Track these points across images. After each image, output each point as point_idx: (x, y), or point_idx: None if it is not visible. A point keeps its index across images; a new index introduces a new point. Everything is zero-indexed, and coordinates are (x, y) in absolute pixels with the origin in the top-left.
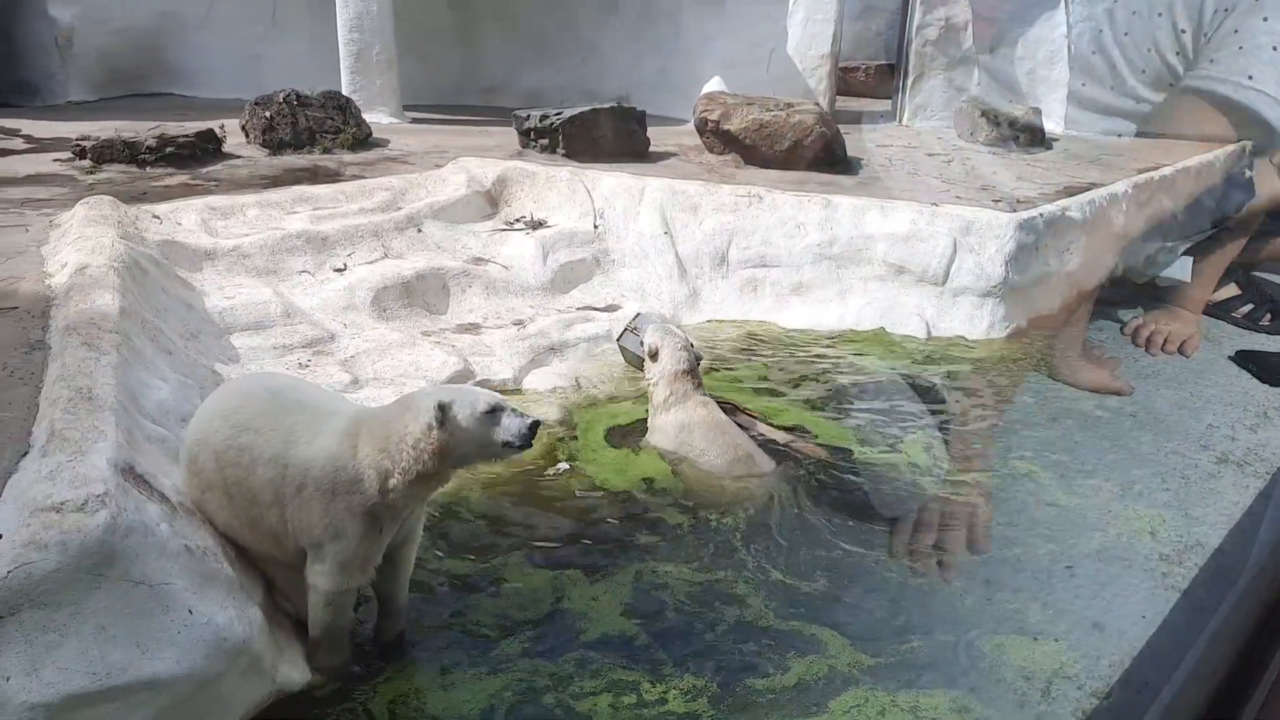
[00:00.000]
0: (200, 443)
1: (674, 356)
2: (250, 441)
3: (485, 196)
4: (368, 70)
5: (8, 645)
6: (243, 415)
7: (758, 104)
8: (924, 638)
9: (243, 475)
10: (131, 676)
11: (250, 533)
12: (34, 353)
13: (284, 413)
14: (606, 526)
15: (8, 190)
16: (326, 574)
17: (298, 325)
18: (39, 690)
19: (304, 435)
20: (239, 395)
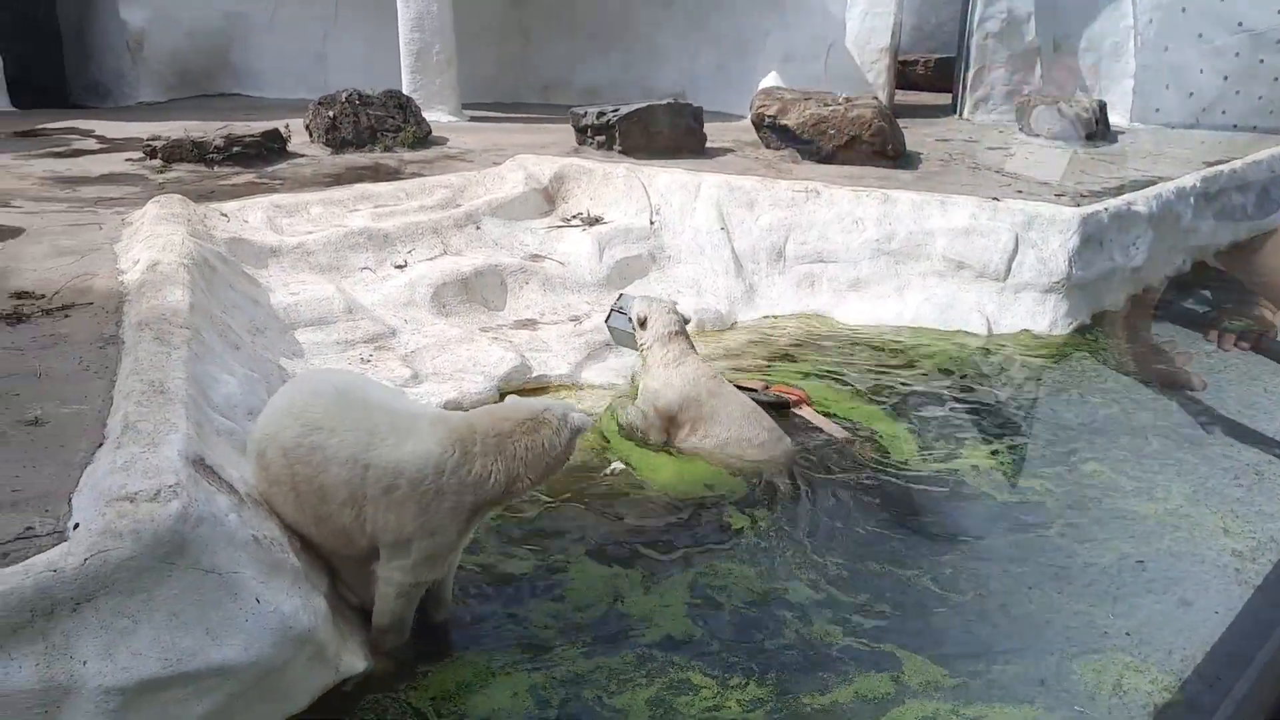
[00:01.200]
0: (268, 438)
1: (663, 319)
2: (322, 440)
3: (542, 193)
4: (428, 69)
5: (84, 630)
6: (312, 413)
7: (815, 98)
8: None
9: (313, 473)
10: (201, 663)
11: (316, 528)
12: (108, 347)
13: (358, 412)
14: (661, 527)
15: (82, 189)
16: (408, 569)
17: (360, 321)
18: (114, 675)
19: (389, 437)
20: (307, 393)
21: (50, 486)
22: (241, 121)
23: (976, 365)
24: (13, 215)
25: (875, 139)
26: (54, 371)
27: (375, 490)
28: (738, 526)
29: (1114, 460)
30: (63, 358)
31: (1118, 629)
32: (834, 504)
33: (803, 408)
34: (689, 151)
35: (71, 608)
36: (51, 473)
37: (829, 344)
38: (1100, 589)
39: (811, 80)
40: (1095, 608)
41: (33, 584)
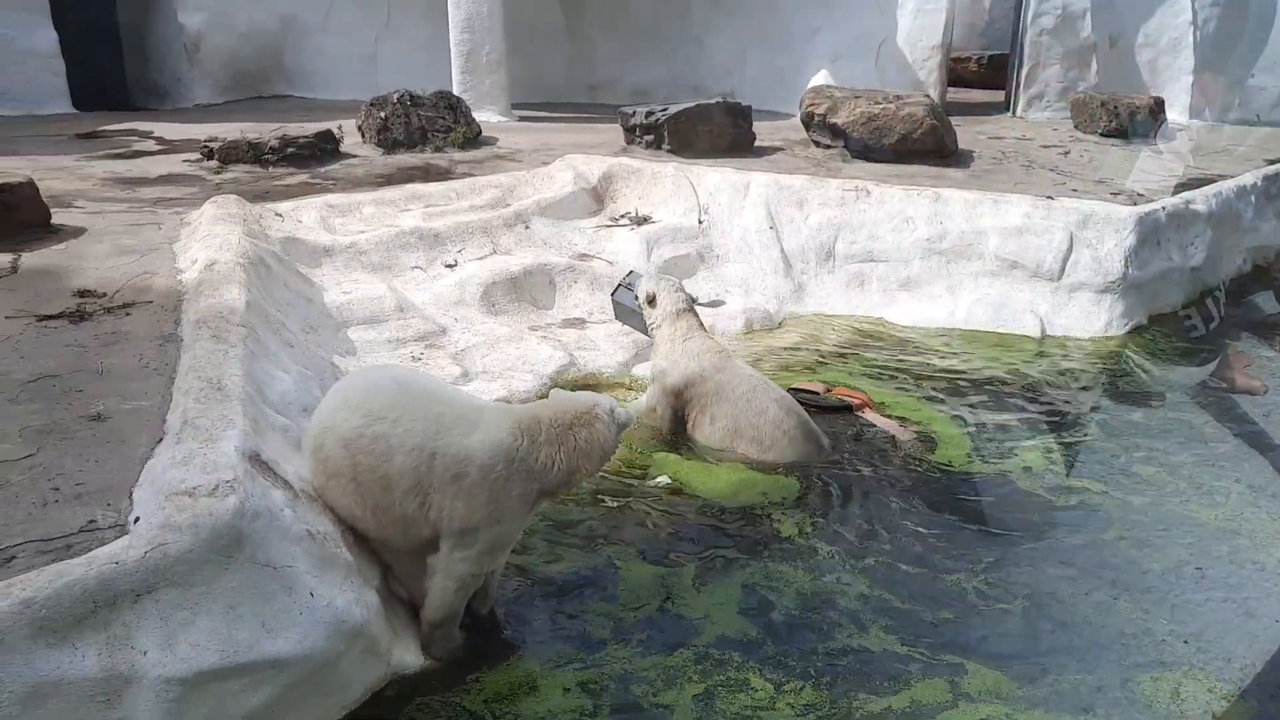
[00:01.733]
0: (327, 430)
1: (672, 297)
2: (385, 430)
3: (591, 193)
4: (478, 70)
5: (145, 622)
6: (374, 405)
7: (865, 97)
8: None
9: (376, 463)
10: (257, 655)
11: (374, 519)
12: (167, 345)
13: (421, 403)
14: (709, 531)
15: (142, 190)
16: (471, 559)
17: (411, 320)
18: (173, 665)
19: (456, 426)
20: (366, 386)
21: (112, 481)
22: (295, 123)
23: (1030, 366)
24: (75, 215)
25: (927, 137)
26: (115, 368)
27: (443, 478)
28: (786, 531)
29: (1172, 465)
30: (124, 355)
31: (1176, 636)
32: (885, 507)
33: (866, 410)
34: (738, 150)
35: (132, 599)
36: (114, 467)
37: (879, 344)
38: (1158, 596)
39: (862, 78)
40: (1153, 615)
41: (95, 576)
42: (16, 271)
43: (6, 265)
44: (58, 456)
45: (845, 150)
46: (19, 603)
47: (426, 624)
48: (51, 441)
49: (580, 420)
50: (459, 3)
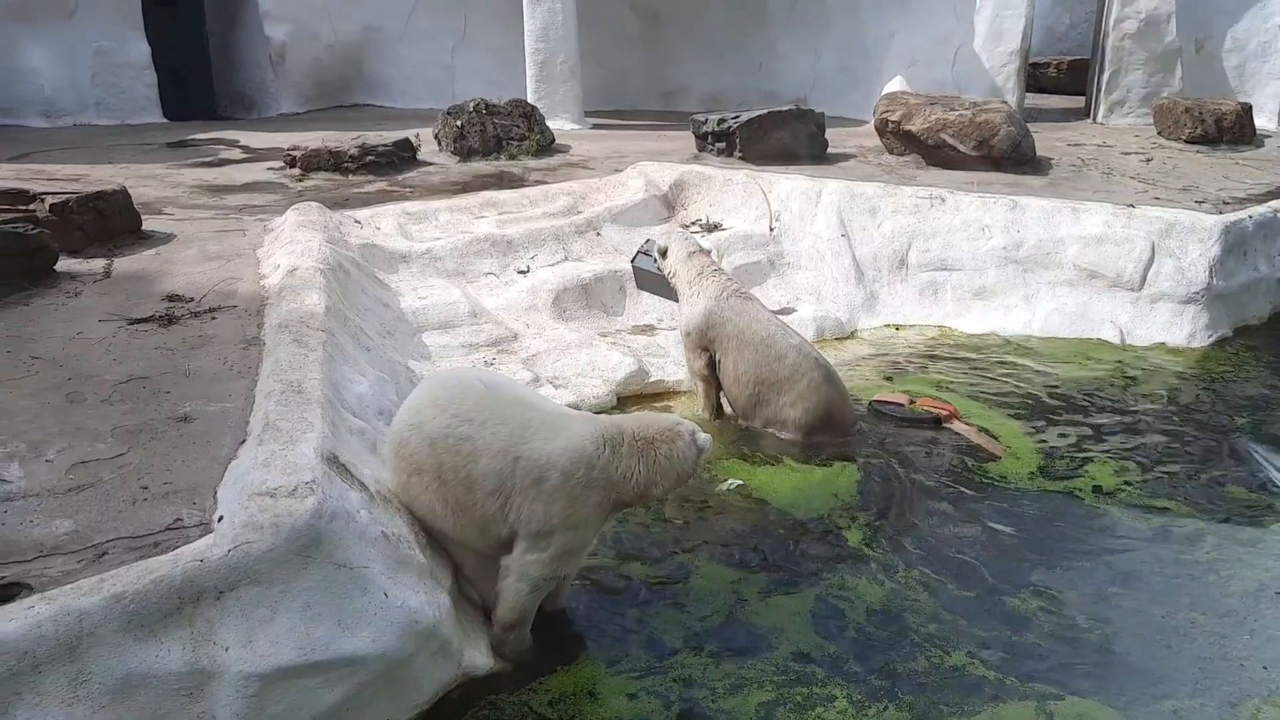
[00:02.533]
0: (413, 428)
1: (682, 243)
2: (472, 432)
3: (662, 200)
4: (552, 78)
5: (227, 618)
6: (462, 406)
7: (941, 103)
8: (1119, 660)
9: (462, 463)
10: (333, 653)
11: (454, 518)
12: (251, 348)
13: (509, 407)
14: (779, 540)
15: (228, 197)
16: (545, 562)
17: (484, 325)
18: (253, 661)
19: (542, 432)
20: (453, 387)
21: (197, 480)
22: (374, 131)
23: (1108, 379)
24: (165, 222)
25: (1003, 144)
26: (201, 371)
27: (525, 481)
28: (855, 541)
29: (1255, 483)
30: (209, 358)
31: (1254, 662)
32: (954, 521)
33: (953, 422)
34: (810, 157)
35: (215, 596)
36: (199, 467)
37: (953, 354)
38: (1237, 619)
39: (937, 84)
40: (1230, 640)
41: (181, 573)
42: (109, 276)
43: (100, 270)
44: (147, 456)
45: (919, 157)
46: (110, 597)
47: (499, 625)
48: (141, 441)
49: (662, 436)
50: (534, 12)
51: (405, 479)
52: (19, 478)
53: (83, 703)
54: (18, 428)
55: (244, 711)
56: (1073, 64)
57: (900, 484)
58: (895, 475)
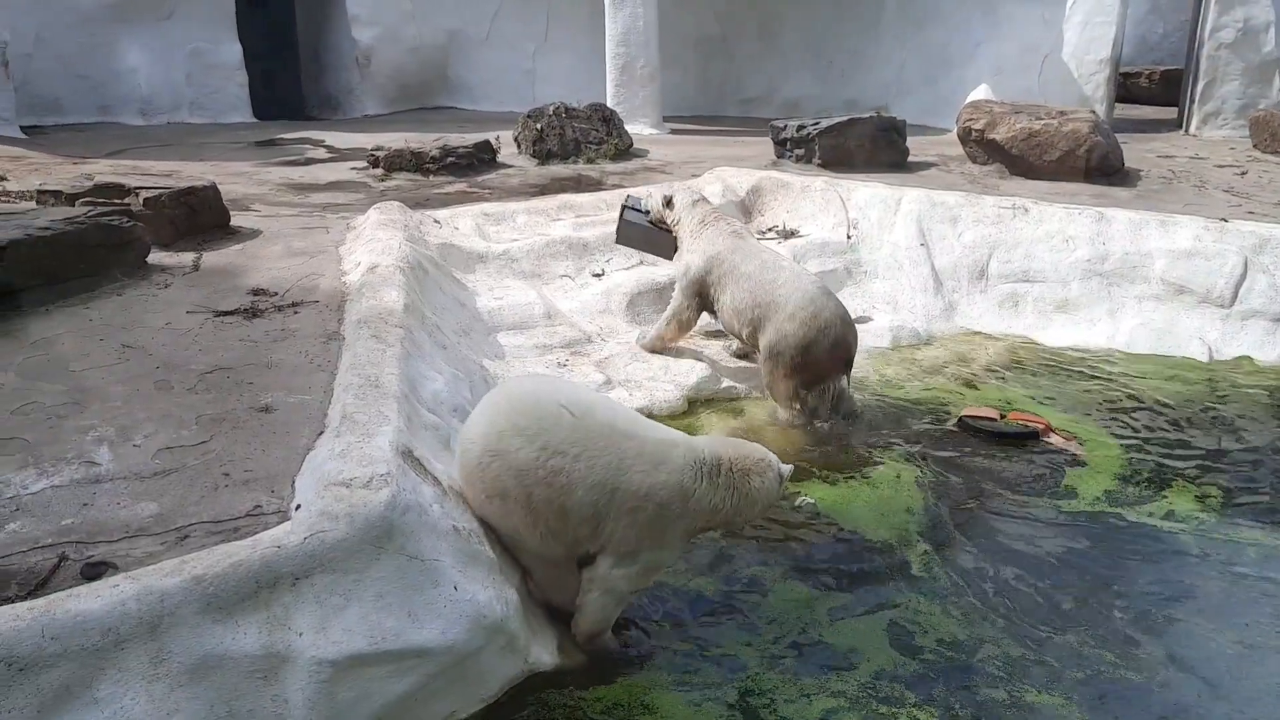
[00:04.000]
0: (495, 455)
1: (686, 193)
2: (566, 465)
3: (739, 206)
4: (631, 83)
5: (302, 604)
6: (552, 438)
7: (1026, 112)
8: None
9: (555, 495)
10: (403, 643)
11: (541, 539)
12: (331, 342)
13: (602, 437)
14: (852, 560)
15: (313, 195)
16: (630, 578)
17: (558, 326)
18: (326, 648)
19: (639, 464)
20: (540, 415)
21: (277, 469)
22: (455, 133)
23: (1194, 398)
24: (252, 218)
25: (1090, 155)
26: (283, 363)
27: (620, 510)
28: (931, 565)
29: None
30: (291, 350)
31: None
32: (1037, 546)
33: (1050, 436)
34: (890, 165)
35: (291, 582)
36: (279, 456)
37: (1033, 366)
38: None
39: (1023, 93)
40: None
41: (259, 558)
42: (198, 269)
43: (190, 263)
44: (229, 444)
45: (1003, 166)
46: (190, 579)
47: (583, 635)
48: (224, 429)
49: (756, 469)
50: (616, 17)
51: (484, 500)
52: (109, 461)
53: (162, 680)
54: (109, 413)
55: (315, 697)
56: (1165, 74)
57: (979, 504)
58: (975, 494)
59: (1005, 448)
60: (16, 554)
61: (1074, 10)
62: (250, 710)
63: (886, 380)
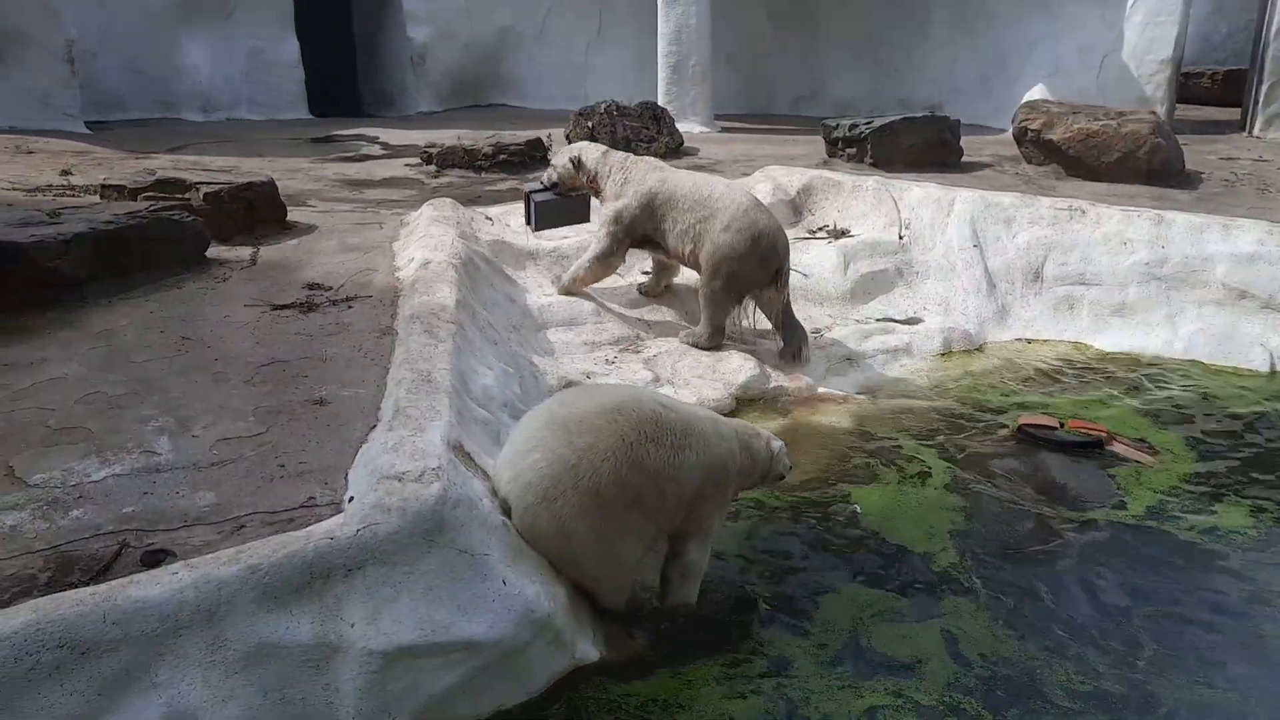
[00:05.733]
0: (633, 464)
1: (590, 147)
2: (688, 458)
3: (789, 205)
4: (683, 81)
5: (354, 595)
6: (674, 438)
7: (1084, 113)
8: None
9: (681, 488)
10: (453, 635)
11: (639, 537)
12: (384, 337)
13: (693, 425)
14: (903, 570)
15: (367, 191)
16: (707, 551)
17: (606, 324)
18: (376, 639)
19: (716, 441)
20: (653, 419)
21: (330, 461)
22: (508, 130)
23: (1255, 407)
24: (308, 214)
25: (1150, 156)
26: (337, 357)
27: (709, 485)
28: (982, 577)
29: None
30: (345, 344)
31: None
32: (1090, 559)
33: (1114, 444)
34: (944, 165)
35: (344, 573)
36: (333, 449)
37: (1089, 372)
38: None
39: (1081, 94)
40: None
41: (313, 549)
42: (256, 264)
43: (247, 257)
44: (284, 436)
45: (1059, 167)
46: (246, 568)
47: (683, 607)
48: (280, 422)
49: (752, 433)
50: (668, 15)
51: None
52: (168, 451)
53: (218, 668)
54: (169, 404)
55: (366, 687)
56: (1228, 74)
57: (1039, 516)
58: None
59: (1066, 457)
60: (79, 540)
61: (1135, 9)
62: (302, 699)
63: (938, 385)
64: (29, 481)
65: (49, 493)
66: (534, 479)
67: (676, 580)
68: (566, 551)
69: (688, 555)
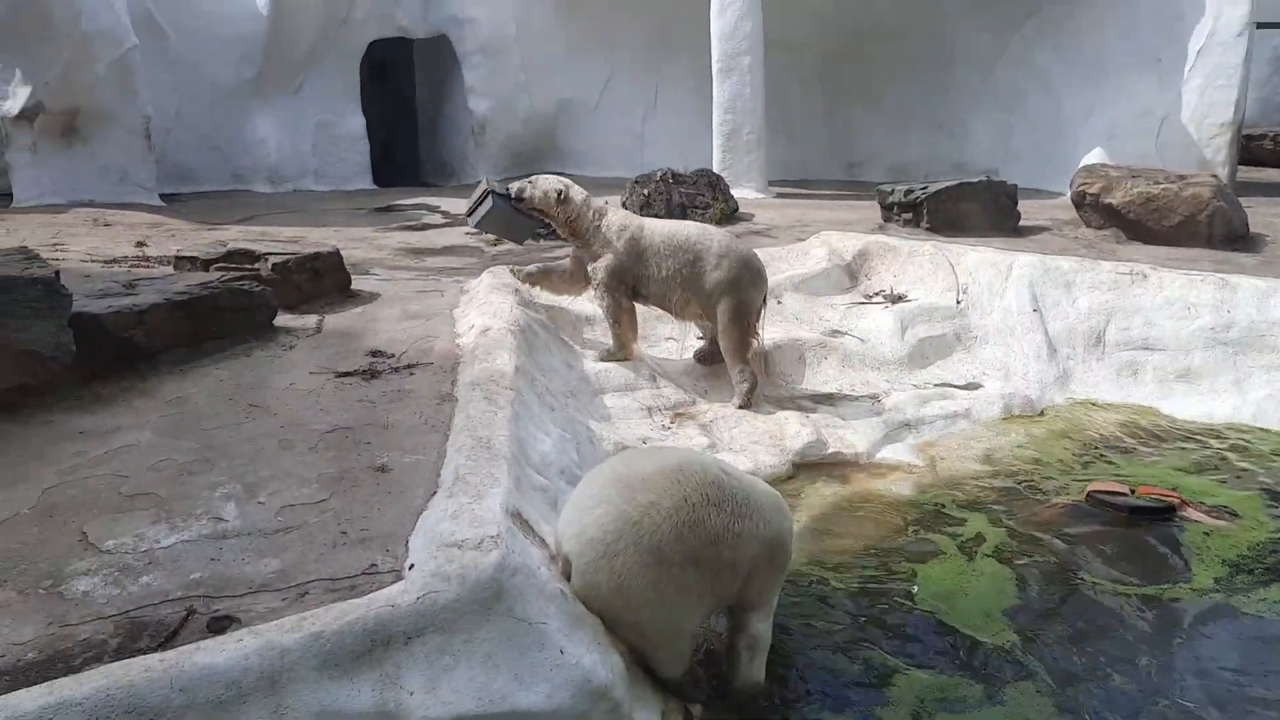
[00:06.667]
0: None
1: (577, 189)
2: (746, 527)
3: (845, 270)
4: (738, 148)
5: (413, 664)
6: (734, 504)
7: (1144, 176)
8: None
9: (739, 555)
10: (510, 706)
11: (698, 605)
12: (445, 404)
13: (755, 495)
14: (957, 647)
15: (428, 259)
16: (769, 621)
17: (663, 389)
18: (435, 708)
19: (774, 515)
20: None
21: (392, 528)
22: None
23: None
24: (371, 282)
25: (1212, 220)
26: (399, 423)
27: (767, 560)
28: (1040, 664)
29: None
30: (407, 411)
31: None
32: (1168, 638)
33: (1188, 510)
34: (1001, 230)
35: (404, 641)
36: (394, 516)
37: (1156, 438)
38: None
39: (1139, 157)
40: None
41: (374, 616)
42: (321, 331)
43: (313, 325)
44: (347, 502)
45: (1119, 231)
46: (309, 635)
47: (750, 693)
48: (343, 488)
49: None
50: (723, 84)
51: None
52: (235, 517)
53: None
54: (236, 470)
55: None
56: None
57: (1113, 587)
58: (1108, 577)
59: (1136, 525)
60: (149, 606)
61: (1193, 73)
62: None
63: (999, 451)
64: (101, 547)
65: (120, 559)
66: (596, 534)
67: (745, 655)
68: (625, 611)
69: (752, 628)
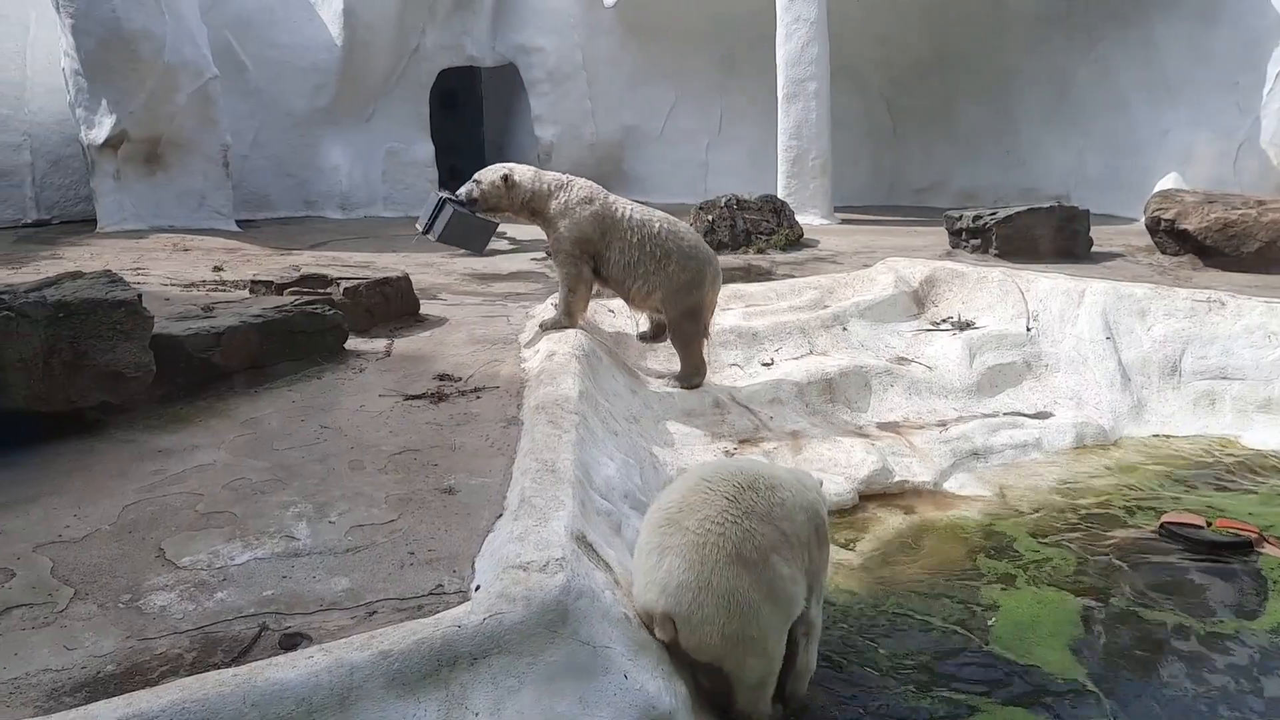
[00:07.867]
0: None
1: (521, 168)
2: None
3: (911, 296)
4: (803, 174)
5: (478, 684)
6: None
7: (1221, 201)
8: None
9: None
10: None
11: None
12: (510, 427)
13: (780, 476)
14: (1030, 683)
15: (495, 285)
16: (820, 604)
17: (727, 415)
18: None
19: (797, 487)
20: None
21: (458, 549)
22: None
23: None
24: (439, 307)
25: None
26: (466, 446)
27: (818, 534)
28: (1110, 701)
29: None
30: (473, 434)
31: None
32: (1227, 677)
33: (1265, 546)
34: (1072, 256)
35: (469, 662)
36: (460, 537)
37: (1233, 470)
38: None
39: (1216, 182)
40: None
41: (441, 637)
42: (390, 355)
43: (382, 349)
44: (415, 523)
45: (1195, 258)
46: (378, 654)
47: (801, 693)
48: (411, 509)
49: None
50: (789, 110)
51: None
52: (306, 536)
53: None
54: (308, 490)
55: None
56: None
57: (1176, 629)
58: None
59: (1213, 559)
60: (223, 622)
61: (1272, 96)
62: None
63: (1070, 481)
64: (178, 564)
65: (196, 575)
66: (681, 579)
67: (801, 642)
68: (749, 625)
69: (808, 613)
